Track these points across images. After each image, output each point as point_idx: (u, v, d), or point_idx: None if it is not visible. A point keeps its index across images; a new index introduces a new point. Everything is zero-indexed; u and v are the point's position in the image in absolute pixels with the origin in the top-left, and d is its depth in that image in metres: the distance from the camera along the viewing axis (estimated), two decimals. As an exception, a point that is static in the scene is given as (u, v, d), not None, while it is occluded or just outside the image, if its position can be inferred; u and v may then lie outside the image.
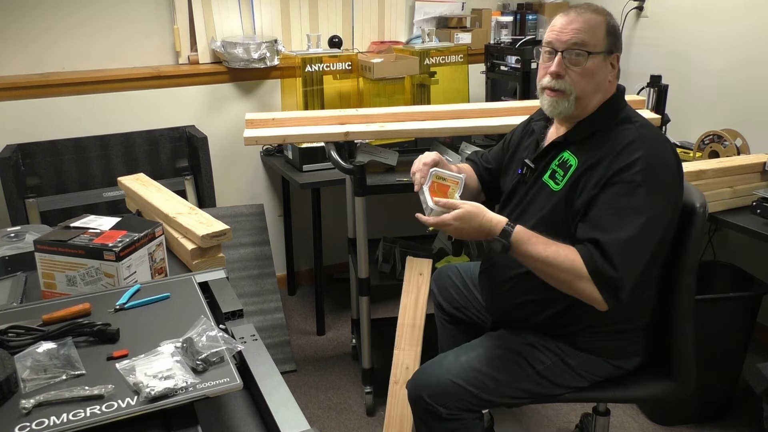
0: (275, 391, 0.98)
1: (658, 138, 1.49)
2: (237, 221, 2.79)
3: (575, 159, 1.50)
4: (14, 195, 2.47)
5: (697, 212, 1.52)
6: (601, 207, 1.41)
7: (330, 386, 2.63)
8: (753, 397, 2.13)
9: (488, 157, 1.87)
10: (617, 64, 1.53)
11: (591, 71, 1.47)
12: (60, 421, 0.87)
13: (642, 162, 1.40)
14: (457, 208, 1.44)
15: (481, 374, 1.55)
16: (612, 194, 1.41)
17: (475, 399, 1.54)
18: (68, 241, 1.35)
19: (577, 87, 1.48)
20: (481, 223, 1.44)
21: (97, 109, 2.84)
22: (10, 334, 1.07)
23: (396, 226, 3.20)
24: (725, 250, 2.78)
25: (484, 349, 1.60)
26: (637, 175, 1.39)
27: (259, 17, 3.07)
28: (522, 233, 1.44)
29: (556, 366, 1.56)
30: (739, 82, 2.70)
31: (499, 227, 1.44)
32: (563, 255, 1.40)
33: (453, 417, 1.54)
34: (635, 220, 1.38)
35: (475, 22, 3.47)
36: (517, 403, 1.64)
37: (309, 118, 2.36)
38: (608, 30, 1.49)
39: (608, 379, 1.60)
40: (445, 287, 1.98)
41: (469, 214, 1.44)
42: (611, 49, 1.50)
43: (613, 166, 1.42)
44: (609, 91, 1.54)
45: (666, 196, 1.43)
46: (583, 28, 1.47)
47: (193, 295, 1.25)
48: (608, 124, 1.50)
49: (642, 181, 1.39)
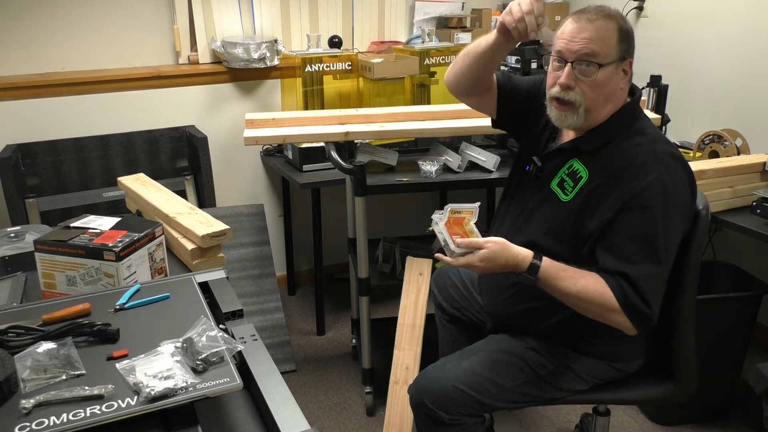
0: (275, 391, 0.98)
1: (670, 154, 1.45)
2: (237, 221, 2.79)
3: (586, 171, 1.47)
4: (14, 195, 2.47)
5: (701, 215, 1.51)
6: (622, 234, 1.40)
7: (330, 386, 2.63)
8: (753, 397, 2.13)
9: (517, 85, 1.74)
10: (630, 69, 1.48)
11: (602, 82, 1.43)
12: (60, 421, 0.87)
13: (657, 184, 1.38)
14: (480, 247, 1.42)
15: (483, 379, 1.54)
16: (630, 220, 1.39)
17: (477, 404, 1.54)
18: (68, 241, 1.35)
19: (587, 99, 1.44)
20: (507, 259, 1.43)
21: (97, 109, 2.84)
22: (10, 334, 1.07)
23: (396, 226, 3.20)
24: (725, 250, 2.78)
25: (485, 353, 1.59)
26: (654, 200, 1.38)
27: (259, 17, 3.07)
28: (550, 268, 1.42)
29: (559, 370, 1.55)
30: (739, 82, 2.70)
31: (526, 263, 1.42)
32: (593, 289, 1.39)
33: (455, 422, 1.54)
34: (657, 246, 1.38)
35: (475, 22, 3.47)
36: (518, 407, 1.63)
37: (309, 118, 2.36)
38: (621, 36, 1.44)
39: (610, 382, 1.60)
40: (445, 287, 1.97)
41: (494, 254, 1.42)
42: (623, 56, 1.45)
43: (628, 189, 1.39)
44: (621, 98, 1.50)
45: (681, 213, 1.42)
46: (594, 38, 1.41)
47: (193, 295, 1.25)
48: (620, 135, 1.47)
49: (659, 205, 1.38)
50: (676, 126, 2.76)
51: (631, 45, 1.48)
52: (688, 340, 1.57)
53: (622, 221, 1.40)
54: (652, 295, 1.38)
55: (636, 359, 1.60)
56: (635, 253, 1.38)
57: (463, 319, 1.93)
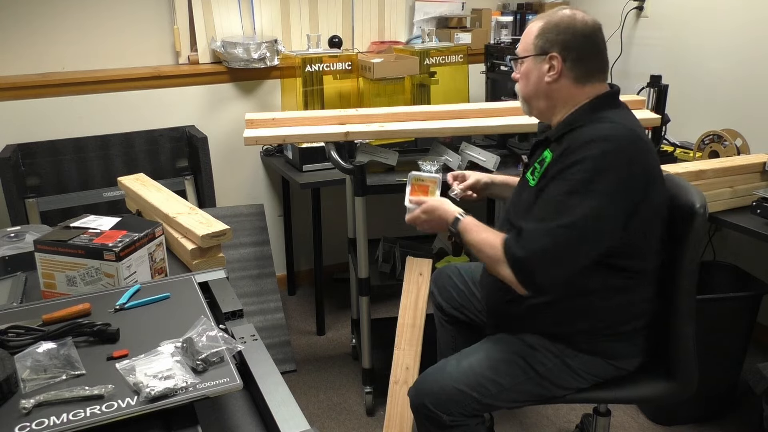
0: (275, 391, 0.98)
1: (628, 137, 1.44)
2: (237, 221, 2.79)
3: (551, 155, 1.52)
4: (14, 195, 2.47)
5: (697, 213, 1.51)
6: (541, 199, 1.46)
7: (330, 386, 2.63)
8: (753, 397, 2.13)
9: None
10: (561, 64, 1.50)
11: (525, 74, 1.57)
12: (60, 421, 0.87)
13: (591, 160, 1.39)
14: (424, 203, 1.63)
15: (483, 379, 1.55)
16: (553, 188, 1.44)
17: (477, 404, 1.54)
18: (68, 241, 1.35)
19: (521, 89, 1.60)
20: (440, 215, 1.62)
21: (97, 109, 2.84)
22: (10, 334, 1.07)
23: (396, 226, 3.19)
24: (725, 250, 2.78)
25: (485, 352, 1.60)
26: (581, 173, 1.39)
27: (259, 17, 3.07)
28: (470, 224, 1.56)
29: (557, 368, 1.56)
30: (739, 82, 2.70)
31: (452, 217, 1.59)
32: (491, 240, 1.49)
33: (456, 423, 1.54)
34: (561, 209, 1.40)
35: (475, 22, 3.47)
36: (519, 406, 1.63)
37: (309, 118, 2.36)
38: (540, 32, 1.52)
39: (609, 380, 1.60)
40: (445, 287, 1.98)
41: (431, 207, 1.64)
42: (544, 50, 1.51)
43: (565, 162, 1.43)
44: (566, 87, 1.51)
45: (608, 193, 1.39)
46: (521, 38, 1.58)
47: (193, 295, 1.25)
48: (584, 122, 1.49)
49: (583, 179, 1.39)
50: (676, 126, 2.76)
51: (553, 40, 1.50)
52: (687, 339, 1.57)
53: (547, 190, 1.45)
54: (534, 245, 1.40)
55: (634, 357, 1.60)
56: (538, 212, 1.44)
57: (462, 320, 1.93)
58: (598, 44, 1.51)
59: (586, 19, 1.51)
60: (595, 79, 1.52)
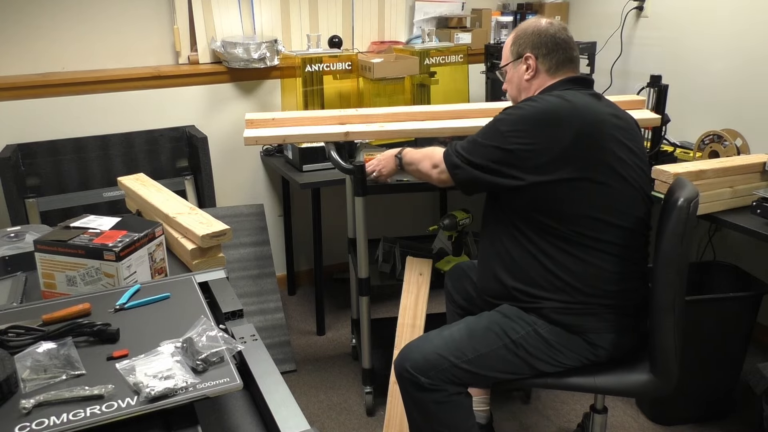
0: (275, 391, 0.98)
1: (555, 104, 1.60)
2: (237, 221, 2.79)
3: None
4: (14, 195, 2.47)
5: (678, 207, 1.50)
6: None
7: (330, 386, 2.63)
8: (753, 397, 2.13)
9: None
10: (534, 61, 1.72)
11: (509, 80, 1.81)
12: (60, 421, 0.87)
13: (508, 111, 1.65)
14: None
15: (461, 344, 1.65)
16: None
17: (455, 369, 1.62)
18: (68, 241, 1.35)
19: (510, 94, 1.84)
20: (387, 154, 2.04)
21: (97, 109, 2.84)
22: (10, 334, 1.07)
23: (396, 226, 3.20)
24: (725, 250, 2.78)
25: (465, 323, 1.72)
26: (500, 114, 1.67)
27: (259, 17, 3.07)
28: (409, 149, 1.96)
29: (531, 336, 1.63)
30: (739, 82, 2.70)
31: (396, 151, 2.01)
32: (429, 151, 1.84)
33: (435, 387, 1.62)
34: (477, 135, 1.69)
35: (475, 22, 3.47)
36: (498, 380, 1.68)
37: (309, 118, 2.36)
38: (512, 41, 1.77)
39: (588, 366, 1.64)
40: (460, 281, 2.06)
41: (381, 155, 2.08)
42: (520, 54, 1.75)
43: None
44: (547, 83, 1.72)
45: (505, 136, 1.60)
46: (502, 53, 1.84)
47: (193, 295, 1.25)
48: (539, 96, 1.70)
49: (496, 120, 1.66)
50: (676, 126, 2.76)
51: (525, 43, 1.74)
52: (667, 333, 1.57)
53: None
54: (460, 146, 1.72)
55: (606, 332, 1.62)
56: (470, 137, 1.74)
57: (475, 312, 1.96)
58: (564, 40, 1.72)
59: (551, 21, 1.74)
60: (565, 68, 1.72)
